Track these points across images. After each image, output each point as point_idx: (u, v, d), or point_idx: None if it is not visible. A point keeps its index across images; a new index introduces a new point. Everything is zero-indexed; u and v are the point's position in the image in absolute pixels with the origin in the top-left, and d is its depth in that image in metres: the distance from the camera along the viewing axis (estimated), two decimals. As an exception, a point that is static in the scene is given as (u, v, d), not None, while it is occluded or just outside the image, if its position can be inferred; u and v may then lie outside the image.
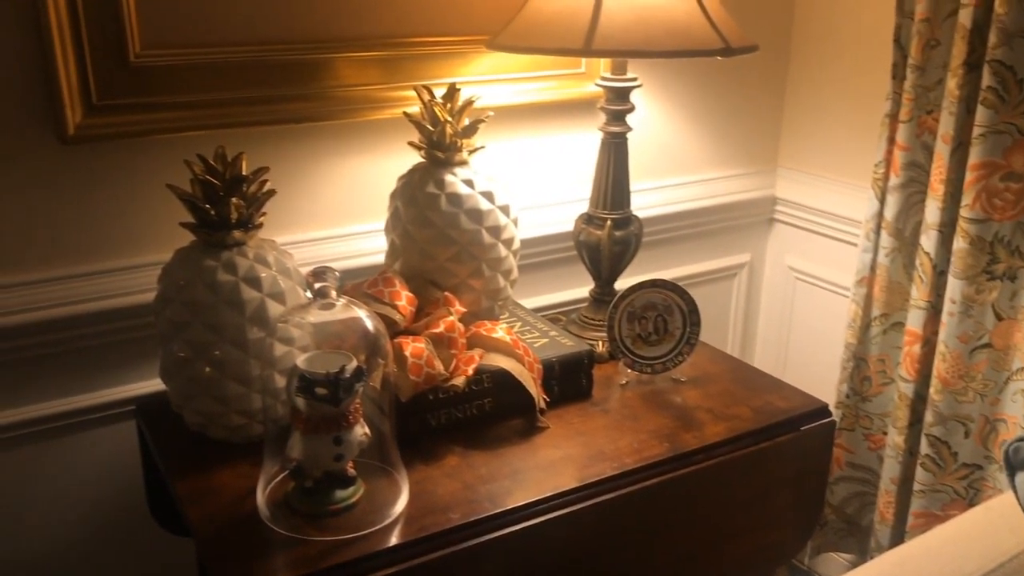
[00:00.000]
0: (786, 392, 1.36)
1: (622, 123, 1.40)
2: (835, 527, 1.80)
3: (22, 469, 1.30)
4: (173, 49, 1.22)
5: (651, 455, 1.19)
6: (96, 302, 1.27)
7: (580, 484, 1.12)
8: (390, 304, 1.20)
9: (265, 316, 1.12)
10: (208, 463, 1.14)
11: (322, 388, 0.98)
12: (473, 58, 1.45)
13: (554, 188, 1.65)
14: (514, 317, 1.43)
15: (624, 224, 1.44)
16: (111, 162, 1.24)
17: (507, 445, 1.20)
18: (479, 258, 1.26)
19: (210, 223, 1.12)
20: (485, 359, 1.23)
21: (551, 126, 1.60)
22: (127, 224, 1.28)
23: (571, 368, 1.31)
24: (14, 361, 1.24)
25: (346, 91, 1.36)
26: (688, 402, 1.33)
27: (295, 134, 1.36)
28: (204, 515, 1.04)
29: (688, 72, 1.73)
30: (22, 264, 1.23)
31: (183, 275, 1.12)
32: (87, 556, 1.37)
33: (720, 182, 1.85)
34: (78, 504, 1.35)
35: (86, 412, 1.32)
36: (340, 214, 1.44)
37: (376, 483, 1.09)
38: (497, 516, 1.06)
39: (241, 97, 1.28)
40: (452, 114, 1.25)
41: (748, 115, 1.85)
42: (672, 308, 1.38)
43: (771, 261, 1.98)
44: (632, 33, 1.20)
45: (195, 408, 1.14)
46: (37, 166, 1.20)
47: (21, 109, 1.17)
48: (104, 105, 1.19)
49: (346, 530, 1.01)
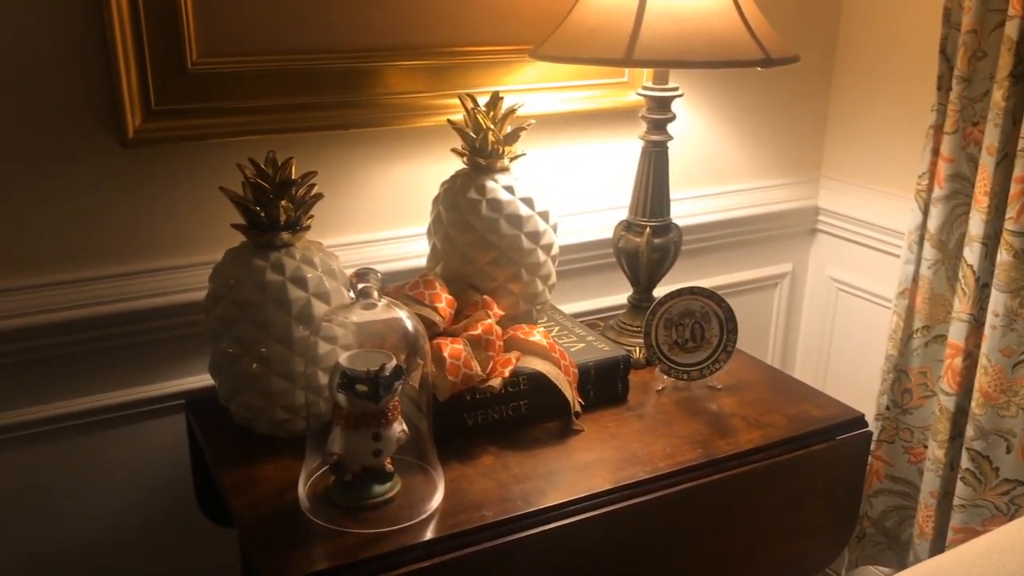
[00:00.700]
0: (822, 401, 1.36)
1: (663, 132, 1.42)
2: (873, 540, 1.79)
3: (77, 459, 1.35)
4: (229, 57, 1.27)
5: (684, 460, 1.20)
6: (150, 299, 1.32)
7: (613, 486, 1.14)
8: (430, 306, 1.23)
9: (310, 315, 1.15)
10: (253, 456, 1.18)
11: (363, 385, 1.02)
12: (517, 67, 1.48)
13: (594, 195, 1.67)
14: (552, 322, 1.45)
15: (663, 231, 1.46)
16: (167, 165, 1.30)
17: (542, 447, 1.23)
18: (518, 262, 1.29)
19: (259, 225, 1.16)
20: (522, 362, 1.25)
21: (593, 134, 1.62)
22: (180, 224, 1.33)
23: (607, 373, 1.33)
24: (71, 355, 1.30)
25: (393, 99, 1.40)
26: (723, 409, 1.34)
27: (343, 140, 1.41)
28: (247, 505, 1.08)
29: (730, 82, 1.74)
30: (81, 261, 1.28)
31: (233, 274, 1.16)
32: (136, 543, 1.42)
33: (762, 191, 1.85)
34: (129, 493, 1.40)
35: (138, 405, 1.37)
36: (384, 218, 1.48)
37: (413, 479, 1.12)
38: (530, 515, 1.08)
39: (292, 103, 1.33)
40: (495, 121, 1.28)
41: (791, 125, 1.85)
42: (709, 315, 1.40)
43: (813, 271, 1.97)
44: (672, 44, 1.21)
45: (242, 402, 1.19)
46: (98, 167, 1.26)
47: (85, 113, 1.23)
48: (162, 110, 1.24)
49: (382, 523, 1.05)
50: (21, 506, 1.33)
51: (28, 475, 1.33)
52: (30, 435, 1.31)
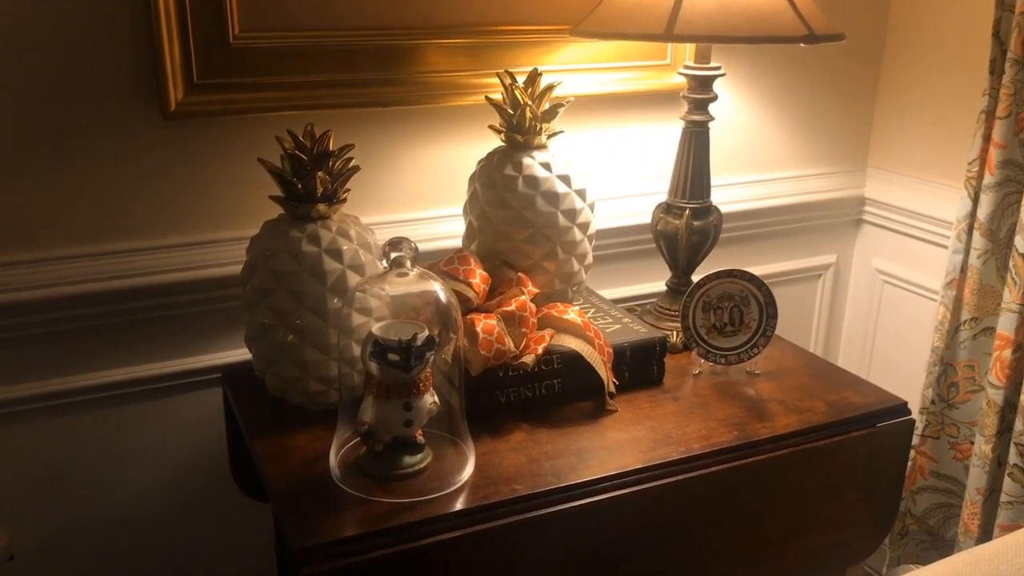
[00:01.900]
0: (863, 388, 1.33)
1: (704, 112, 1.40)
2: (916, 538, 1.74)
3: (114, 429, 1.37)
4: (270, 32, 1.28)
5: (719, 442, 1.18)
6: (189, 271, 1.33)
7: (645, 465, 1.12)
8: (464, 281, 1.23)
9: (345, 287, 1.16)
10: (286, 426, 1.19)
11: (394, 354, 1.02)
12: (558, 47, 1.47)
13: (633, 180, 1.65)
14: (588, 303, 1.44)
15: (703, 214, 1.44)
16: (207, 138, 1.31)
17: (574, 425, 1.21)
18: (553, 240, 1.28)
19: (297, 196, 1.17)
20: (556, 340, 1.24)
21: (633, 117, 1.61)
22: (219, 197, 1.34)
23: (643, 354, 1.31)
24: (111, 326, 1.32)
25: (433, 77, 1.40)
26: (761, 394, 1.31)
27: (382, 117, 1.41)
28: (279, 472, 1.09)
29: (776, 66, 1.71)
30: (122, 232, 1.30)
31: (270, 245, 1.17)
32: (171, 514, 1.44)
33: (806, 180, 1.82)
34: (165, 465, 1.42)
35: (176, 377, 1.39)
36: (421, 197, 1.48)
37: (444, 452, 1.12)
38: (560, 490, 1.07)
39: (332, 80, 1.33)
40: (533, 98, 1.27)
41: (838, 112, 1.81)
42: (749, 299, 1.37)
43: (858, 263, 1.93)
44: (714, 19, 1.20)
45: (276, 373, 1.19)
46: (141, 140, 1.28)
47: (129, 86, 1.25)
48: (204, 84, 1.26)
49: (412, 494, 1.04)
50: (59, 474, 1.36)
51: (66, 444, 1.35)
52: (68, 404, 1.33)
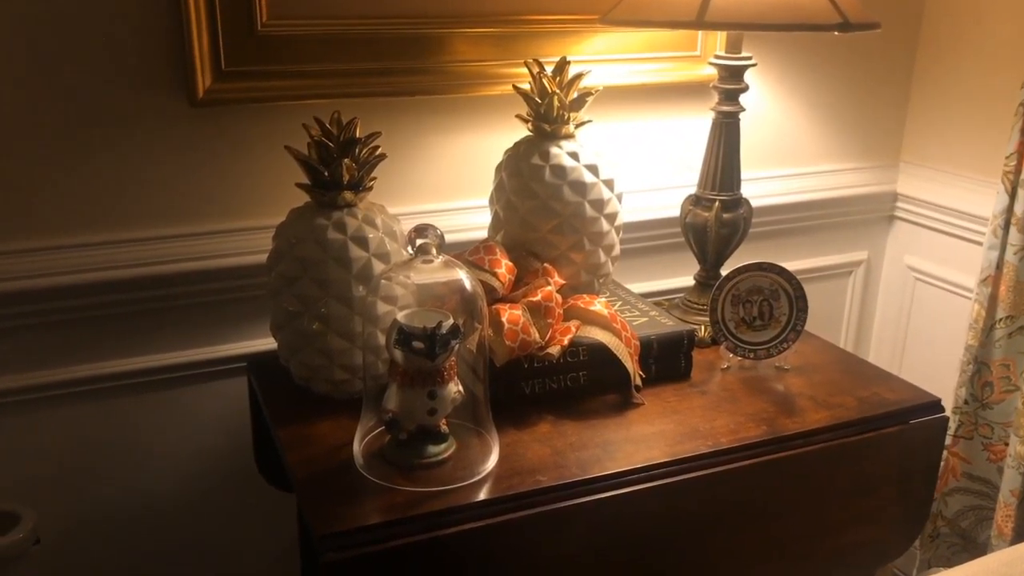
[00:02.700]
0: (895, 384, 1.30)
1: (735, 103, 1.38)
2: (948, 541, 1.71)
3: (140, 416, 1.38)
4: (298, 20, 1.28)
5: (747, 436, 1.16)
6: (216, 259, 1.33)
7: (671, 459, 1.11)
8: (490, 271, 1.22)
9: (370, 275, 1.15)
10: (310, 414, 1.18)
11: (419, 342, 1.01)
12: (587, 36, 1.46)
13: (662, 172, 1.63)
14: (615, 297, 1.42)
15: (733, 206, 1.42)
16: (234, 126, 1.31)
17: (599, 417, 1.20)
18: (580, 231, 1.27)
19: (323, 183, 1.17)
20: (582, 331, 1.23)
21: (662, 109, 1.59)
22: (246, 186, 1.34)
23: (670, 347, 1.30)
24: (137, 313, 1.32)
25: (460, 66, 1.39)
26: (791, 389, 1.29)
27: (408, 106, 1.40)
28: (303, 460, 1.08)
29: (808, 56, 1.68)
30: (149, 219, 1.30)
31: (296, 232, 1.17)
32: (195, 501, 1.44)
33: (837, 175, 1.79)
34: (190, 452, 1.42)
35: (201, 365, 1.39)
36: (447, 188, 1.47)
37: (468, 442, 1.11)
38: (585, 482, 1.06)
39: (359, 68, 1.33)
40: (561, 87, 1.26)
41: (871, 106, 1.78)
42: (779, 293, 1.35)
43: (890, 259, 1.90)
44: (746, 6, 1.18)
45: (301, 360, 1.19)
46: (168, 127, 1.28)
47: (158, 74, 1.25)
48: (231, 71, 1.26)
49: (435, 483, 1.03)
50: (85, 460, 1.36)
51: (92, 431, 1.36)
52: (94, 390, 1.34)
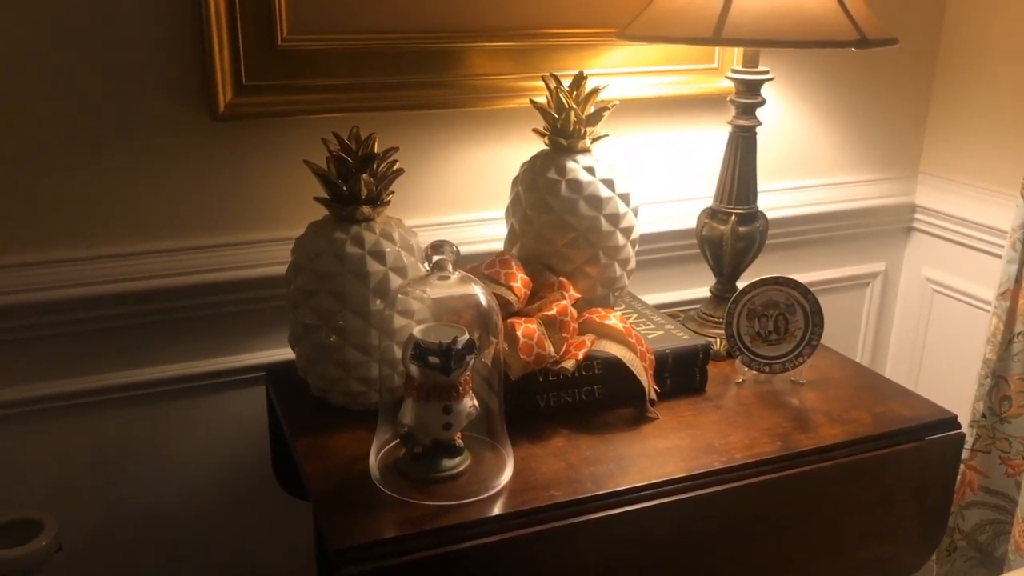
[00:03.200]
0: (911, 400, 1.30)
1: (751, 117, 1.38)
2: (965, 555, 1.70)
3: (159, 425, 1.39)
4: (317, 34, 1.29)
5: (762, 452, 1.16)
6: (234, 271, 1.35)
7: (686, 474, 1.11)
8: (505, 285, 1.22)
9: (387, 289, 1.16)
10: (327, 426, 1.19)
11: (435, 357, 1.02)
12: (604, 50, 1.46)
13: (678, 184, 1.63)
14: (630, 309, 1.43)
15: (749, 220, 1.42)
16: (254, 139, 1.33)
17: (614, 431, 1.20)
18: (596, 245, 1.27)
19: (341, 198, 1.18)
20: (597, 345, 1.23)
21: (679, 121, 1.59)
22: (265, 198, 1.36)
23: (685, 361, 1.30)
24: (156, 323, 1.34)
25: (477, 80, 1.40)
26: (806, 404, 1.29)
27: (426, 120, 1.41)
28: (319, 472, 1.09)
29: (826, 68, 1.68)
30: (168, 232, 1.32)
31: (314, 246, 1.18)
32: (213, 510, 1.46)
33: (855, 186, 1.79)
34: (208, 461, 1.44)
35: (220, 375, 1.40)
36: (463, 200, 1.48)
37: (482, 456, 1.12)
38: (599, 498, 1.06)
39: (377, 82, 1.34)
40: (577, 101, 1.26)
41: (889, 117, 1.78)
42: (794, 307, 1.35)
43: (907, 271, 1.89)
44: (763, 23, 1.18)
45: (319, 373, 1.20)
46: (189, 141, 1.29)
47: (179, 88, 1.27)
48: (252, 85, 1.27)
49: (450, 497, 1.04)
50: (106, 468, 1.38)
51: (113, 439, 1.37)
52: (115, 399, 1.35)
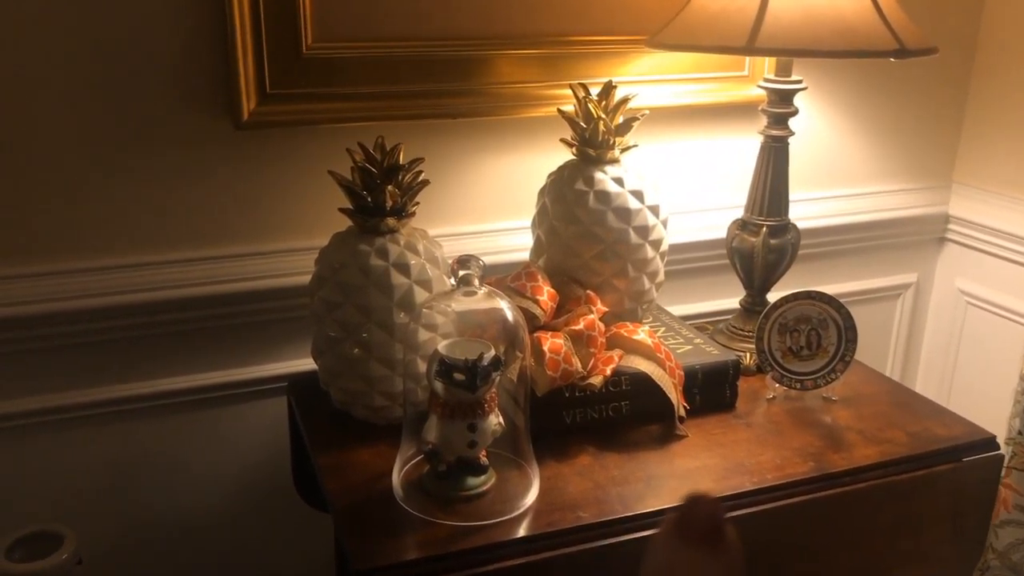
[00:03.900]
0: (948, 419, 1.26)
1: (784, 127, 1.35)
2: (997, 574, 1.66)
3: (180, 434, 1.38)
4: (342, 42, 1.27)
5: (794, 472, 1.13)
6: (257, 281, 1.33)
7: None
8: (531, 298, 1.20)
9: (412, 302, 1.14)
10: (349, 441, 1.18)
11: (460, 373, 1.00)
12: (633, 58, 1.44)
13: (708, 194, 1.61)
14: (658, 322, 1.40)
15: (780, 232, 1.39)
16: (278, 148, 1.31)
17: (642, 450, 1.18)
18: (624, 258, 1.25)
19: (366, 209, 1.16)
20: (624, 360, 1.21)
21: (709, 130, 1.56)
22: (289, 208, 1.34)
23: (715, 377, 1.27)
24: (181, 333, 1.33)
25: (504, 88, 1.38)
26: (838, 422, 1.26)
27: (451, 129, 1.39)
28: (341, 488, 1.08)
29: (858, 76, 1.65)
30: (192, 241, 1.31)
31: (338, 258, 1.16)
32: (233, 520, 1.45)
33: (887, 196, 1.75)
34: (229, 471, 1.43)
35: (242, 385, 1.39)
36: (489, 209, 1.46)
37: (507, 474, 1.09)
38: (628, 519, 1.04)
39: (403, 91, 1.32)
40: (606, 111, 1.24)
41: (922, 125, 1.74)
42: (827, 322, 1.32)
43: (940, 283, 1.85)
44: (798, 32, 1.15)
45: (341, 386, 1.19)
46: (213, 149, 1.28)
47: (203, 96, 1.25)
48: (276, 94, 1.25)
49: (475, 517, 1.02)
50: (127, 479, 1.37)
51: (133, 450, 1.36)
52: (136, 410, 1.34)
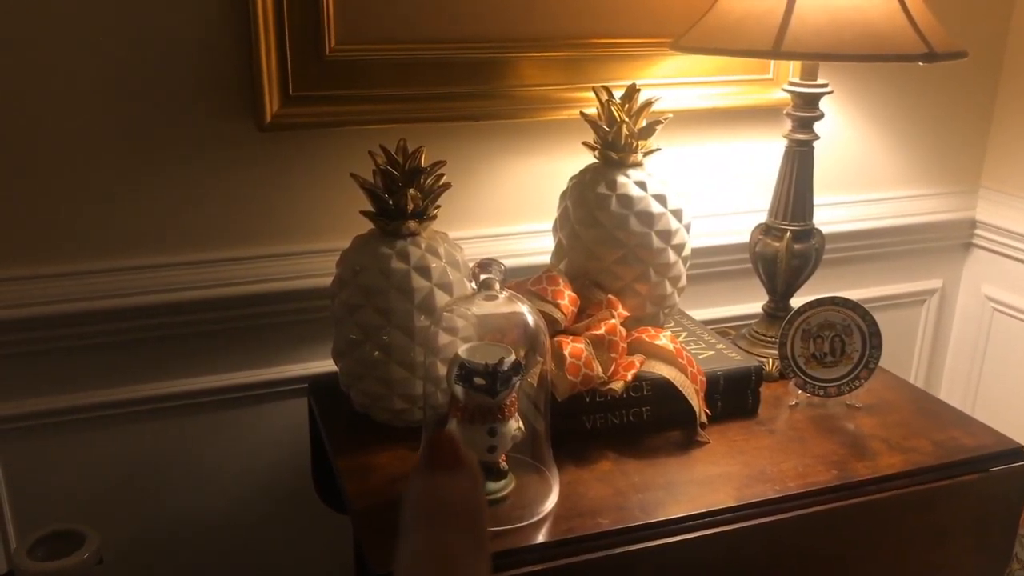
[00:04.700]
0: (974, 429, 1.24)
1: (809, 131, 1.34)
2: (1023, 585, 1.63)
3: (201, 435, 1.39)
4: (365, 45, 1.27)
5: (817, 481, 1.12)
6: (279, 282, 1.34)
7: (738, 503, 1.07)
8: (552, 302, 1.19)
9: (432, 305, 1.14)
10: (369, 443, 1.17)
11: (480, 378, 0.99)
12: (656, 60, 1.43)
13: (731, 197, 1.59)
14: (680, 327, 1.39)
15: (804, 237, 1.37)
16: (300, 150, 1.31)
17: (663, 456, 1.17)
18: (646, 262, 1.24)
19: (387, 212, 1.16)
20: (646, 366, 1.20)
21: (732, 133, 1.55)
22: (311, 210, 1.35)
23: (737, 383, 1.26)
24: (203, 334, 1.34)
25: (526, 91, 1.37)
26: (862, 430, 1.25)
27: (473, 131, 1.39)
28: (361, 491, 1.08)
29: (884, 80, 1.63)
30: (214, 242, 1.31)
31: (359, 260, 1.16)
32: (252, 520, 1.45)
33: (912, 201, 1.73)
34: (249, 472, 1.43)
35: (263, 386, 1.39)
36: (510, 212, 1.46)
37: (527, 479, 1.09)
38: (648, 527, 1.03)
39: (425, 93, 1.32)
40: (630, 114, 1.23)
41: (950, 129, 1.72)
42: (851, 329, 1.30)
43: (966, 289, 1.83)
44: (824, 35, 1.14)
45: (362, 389, 1.19)
46: (236, 151, 1.29)
47: (226, 98, 1.26)
48: (299, 96, 1.25)
49: (494, 522, 1.01)
50: (148, 479, 1.38)
51: (155, 450, 1.37)
52: (157, 409, 1.35)
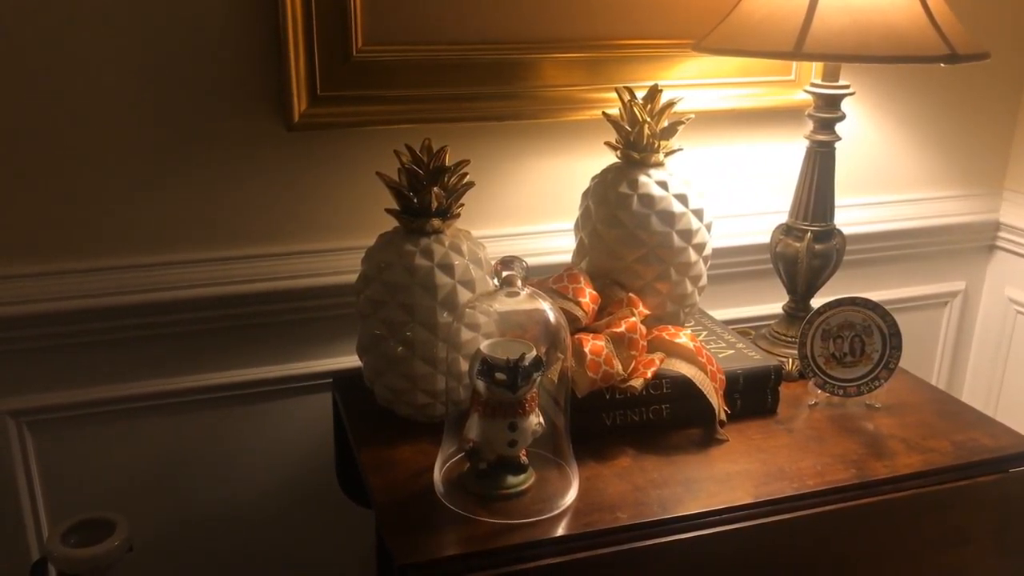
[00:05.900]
0: (995, 430, 1.24)
1: (830, 132, 1.34)
2: (1045, 589, 1.63)
3: (228, 428, 1.42)
4: (392, 46, 1.30)
5: (835, 479, 1.13)
6: (306, 279, 1.36)
7: (755, 501, 1.08)
8: (573, 300, 1.21)
9: (455, 302, 1.16)
10: (392, 438, 1.20)
11: (501, 373, 1.01)
12: (678, 61, 1.44)
13: (752, 198, 1.60)
14: (700, 326, 1.40)
15: (825, 237, 1.38)
16: (327, 149, 1.34)
17: (682, 453, 1.18)
18: (667, 261, 1.25)
19: (412, 210, 1.18)
20: (666, 364, 1.21)
21: (754, 134, 1.56)
22: (337, 208, 1.37)
23: (756, 382, 1.27)
24: (228, 329, 1.36)
25: (549, 91, 1.39)
26: (881, 430, 1.25)
27: (496, 131, 1.41)
28: (384, 484, 1.10)
29: (906, 81, 1.63)
30: (243, 239, 1.34)
31: (384, 257, 1.18)
32: (277, 512, 1.48)
33: (935, 203, 1.73)
34: (273, 465, 1.46)
35: (289, 381, 1.42)
36: (532, 211, 1.47)
37: (547, 474, 1.10)
38: (666, 522, 1.04)
39: (450, 94, 1.34)
40: (652, 115, 1.24)
41: (973, 131, 1.71)
42: (871, 329, 1.31)
43: (989, 291, 1.82)
44: (846, 37, 1.14)
45: (385, 384, 1.21)
46: (264, 150, 1.31)
47: (255, 97, 1.28)
48: (326, 96, 1.28)
49: (514, 515, 1.03)
50: (177, 470, 1.41)
51: (183, 441, 1.40)
52: (186, 402, 1.38)
